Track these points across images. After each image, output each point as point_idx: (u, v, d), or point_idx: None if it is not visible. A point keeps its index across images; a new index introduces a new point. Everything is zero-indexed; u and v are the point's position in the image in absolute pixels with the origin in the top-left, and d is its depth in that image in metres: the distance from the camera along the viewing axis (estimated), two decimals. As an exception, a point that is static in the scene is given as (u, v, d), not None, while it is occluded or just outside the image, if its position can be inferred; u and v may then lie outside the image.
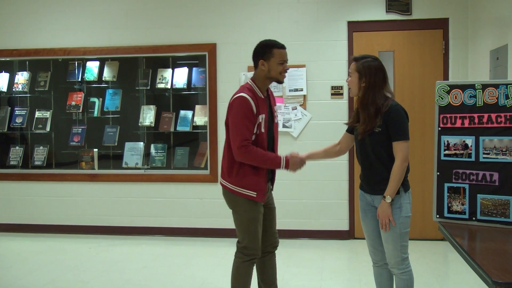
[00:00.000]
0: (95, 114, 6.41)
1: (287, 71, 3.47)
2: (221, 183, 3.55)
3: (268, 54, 3.37)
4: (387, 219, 3.08)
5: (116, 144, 6.37)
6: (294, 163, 3.42)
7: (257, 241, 3.45)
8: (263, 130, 3.37)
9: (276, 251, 3.73)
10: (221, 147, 5.95)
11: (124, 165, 6.26)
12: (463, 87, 3.07)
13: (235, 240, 3.58)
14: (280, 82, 3.48)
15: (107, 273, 4.85)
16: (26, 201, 6.35)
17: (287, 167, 3.39)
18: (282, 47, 3.42)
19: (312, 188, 5.80)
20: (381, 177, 3.14)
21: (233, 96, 3.42)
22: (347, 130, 3.50)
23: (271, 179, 3.63)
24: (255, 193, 3.39)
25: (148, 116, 6.30)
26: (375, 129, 3.10)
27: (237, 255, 3.52)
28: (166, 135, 6.37)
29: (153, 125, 6.29)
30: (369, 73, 3.14)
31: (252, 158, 3.32)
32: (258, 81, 3.45)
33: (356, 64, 3.19)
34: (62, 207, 6.27)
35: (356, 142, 3.31)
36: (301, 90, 5.80)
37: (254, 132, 3.34)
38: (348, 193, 5.83)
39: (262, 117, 3.37)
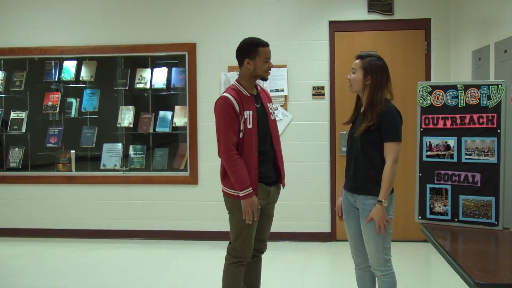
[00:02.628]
0: (72, 114, 6.33)
1: (271, 68, 3.50)
2: (222, 188, 3.55)
3: (254, 52, 3.41)
4: (383, 223, 3.08)
5: (94, 146, 6.31)
6: (251, 203, 3.35)
7: (248, 246, 3.44)
8: (249, 126, 3.37)
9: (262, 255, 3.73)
10: (201, 148, 5.93)
11: (102, 167, 6.20)
12: (445, 88, 3.08)
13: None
14: (265, 79, 3.52)
15: (85, 277, 4.78)
16: (1, 204, 6.24)
17: (245, 197, 3.34)
18: (266, 45, 3.46)
19: (293, 190, 5.79)
20: (365, 175, 3.14)
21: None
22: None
23: (274, 182, 3.58)
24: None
25: (126, 116, 6.24)
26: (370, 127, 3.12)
27: (226, 257, 3.51)
28: (145, 136, 6.33)
29: (131, 126, 6.25)
30: (375, 72, 3.16)
31: (228, 166, 3.35)
32: (243, 80, 3.49)
33: (362, 62, 3.20)
34: (39, 210, 6.17)
35: (348, 138, 3.32)
36: (282, 90, 5.80)
37: (241, 129, 3.35)
38: (330, 194, 5.83)
39: (248, 113, 3.38)
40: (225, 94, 3.40)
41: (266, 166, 3.49)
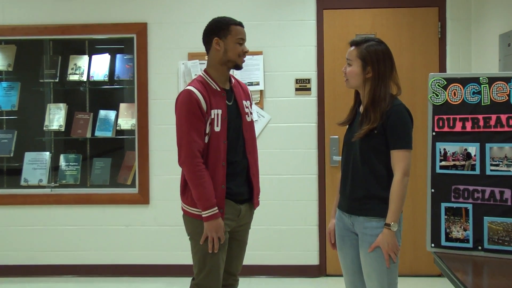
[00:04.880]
0: (-18, 114, 6.25)
1: (246, 53, 3.55)
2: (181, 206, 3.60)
3: (225, 31, 3.47)
4: (393, 252, 3.08)
5: (12, 155, 6.21)
6: (216, 227, 3.36)
7: (215, 280, 3.44)
8: (217, 128, 3.40)
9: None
10: (153, 158, 5.88)
11: (23, 183, 6.10)
12: (464, 81, 3.10)
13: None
14: (239, 67, 3.56)
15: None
16: None
17: (208, 219, 3.35)
18: (240, 24, 3.54)
19: (272, 211, 5.77)
20: (366, 191, 3.14)
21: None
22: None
23: (246, 199, 3.60)
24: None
25: (56, 117, 6.17)
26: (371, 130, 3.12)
27: None
28: (81, 142, 6.27)
29: (63, 130, 6.17)
30: (376, 60, 3.17)
31: (191, 178, 3.37)
32: (212, 69, 3.54)
33: (358, 49, 3.20)
34: None
35: (344, 144, 3.32)
36: (257, 84, 5.79)
37: (206, 132, 3.38)
38: (318, 216, 5.83)
39: (215, 113, 3.41)
40: (189, 87, 3.42)
41: (236, 180, 3.51)
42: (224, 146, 3.43)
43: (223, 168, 3.42)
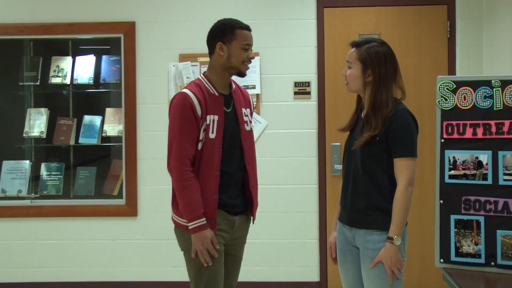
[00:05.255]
0: (-41, 120, 6.24)
1: (252, 60, 3.59)
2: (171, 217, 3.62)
3: (229, 35, 3.49)
4: (396, 268, 3.07)
5: (-11, 164, 6.20)
6: (201, 239, 3.36)
7: None
8: (211, 135, 3.41)
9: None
10: (142, 167, 5.87)
11: (1, 194, 6.08)
12: (475, 84, 3.11)
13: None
14: (242, 74, 3.58)
15: None
16: None
17: (194, 231, 3.36)
18: (247, 28, 3.58)
19: (269, 222, 5.76)
20: (366, 203, 3.14)
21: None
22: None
23: (241, 212, 3.61)
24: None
25: (37, 123, 6.16)
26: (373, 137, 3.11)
27: None
28: (64, 150, 6.26)
29: (44, 136, 6.16)
30: (377, 63, 3.17)
31: (178, 186, 3.40)
32: (213, 74, 3.56)
33: (359, 51, 3.22)
34: None
35: (345, 152, 3.32)
36: (253, 87, 5.78)
37: (200, 139, 3.39)
38: (319, 229, 5.82)
39: (211, 119, 3.42)
40: (184, 90, 3.44)
41: (230, 192, 3.53)
42: (218, 154, 3.43)
43: (216, 178, 3.42)
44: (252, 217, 3.69)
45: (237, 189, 3.56)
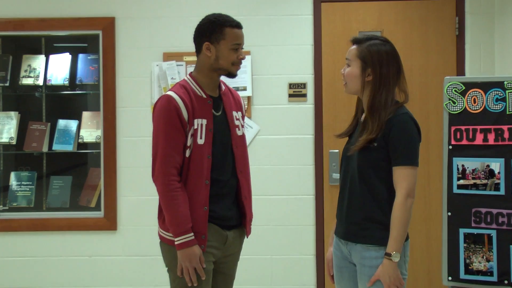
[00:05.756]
0: None
1: (243, 60, 3.58)
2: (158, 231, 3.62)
3: (217, 34, 3.47)
4: (396, 286, 3.07)
5: (-48, 173, 6.20)
6: (189, 256, 3.36)
7: None
8: (200, 141, 3.41)
9: None
10: (122, 176, 5.86)
11: (-34, 206, 6.07)
12: (486, 86, 3.12)
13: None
14: (232, 75, 3.58)
15: None
16: None
17: (181, 247, 3.35)
18: (237, 25, 3.55)
19: (262, 237, 5.75)
20: (362, 215, 3.15)
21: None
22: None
23: (235, 225, 3.61)
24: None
25: (6, 128, 6.14)
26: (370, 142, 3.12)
27: None
28: (36, 157, 6.25)
29: (14, 143, 6.14)
30: (378, 62, 3.18)
31: (163, 198, 3.38)
32: (200, 75, 3.55)
33: (359, 48, 3.23)
34: None
35: (342, 159, 3.34)
36: (244, 89, 5.79)
37: (188, 145, 3.38)
38: (316, 244, 5.82)
39: (199, 123, 3.42)
40: (169, 92, 3.43)
41: (222, 203, 3.51)
42: (208, 162, 3.42)
43: (206, 187, 3.41)
44: (246, 232, 3.68)
45: (231, 200, 3.55)
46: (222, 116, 3.55)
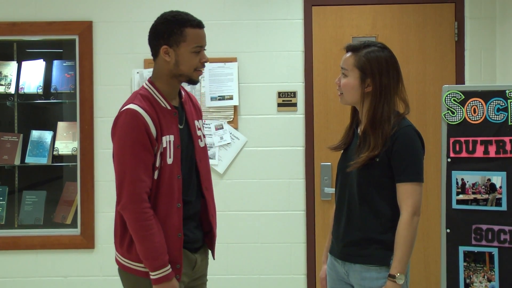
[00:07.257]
0: None
1: (205, 64, 3.45)
2: (115, 257, 3.50)
3: (177, 36, 3.32)
4: None
5: None
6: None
7: None
8: (169, 160, 3.29)
9: None
10: (99, 190, 5.85)
11: None
12: (487, 95, 3.13)
13: None
14: (193, 82, 3.44)
15: None
16: None
17: (159, 282, 3.22)
18: (199, 25, 3.38)
19: (249, 255, 5.75)
20: (362, 234, 3.15)
21: (119, 110, 3.36)
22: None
23: (200, 246, 3.54)
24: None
25: (-24, 140, 6.13)
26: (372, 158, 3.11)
27: None
28: (7, 171, 6.24)
29: (-16, 155, 6.12)
30: (378, 71, 3.17)
31: (136, 229, 3.24)
32: (160, 82, 3.40)
33: (356, 57, 3.21)
34: None
35: (338, 174, 3.33)
36: (230, 98, 5.79)
37: (157, 165, 3.26)
38: (307, 263, 5.81)
39: (167, 140, 3.30)
40: (133, 106, 3.26)
41: (191, 225, 3.43)
42: (178, 182, 3.31)
43: (179, 211, 3.30)
44: (211, 251, 3.61)
45: (196, 221, 3.48)
46: (185, 128, 3.43)
